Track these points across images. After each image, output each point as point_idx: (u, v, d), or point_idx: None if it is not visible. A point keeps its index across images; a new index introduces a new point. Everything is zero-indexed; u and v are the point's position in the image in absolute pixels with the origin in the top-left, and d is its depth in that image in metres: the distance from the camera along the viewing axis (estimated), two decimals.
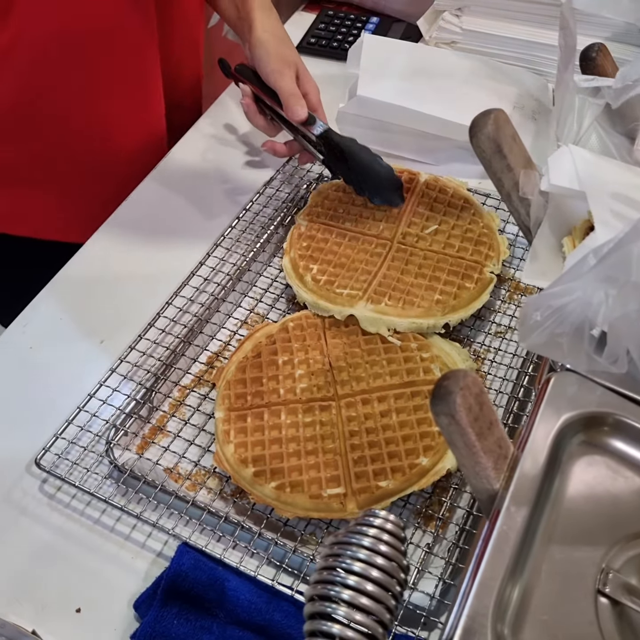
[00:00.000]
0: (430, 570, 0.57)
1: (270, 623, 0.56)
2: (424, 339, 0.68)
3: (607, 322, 0.41)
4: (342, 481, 0.60)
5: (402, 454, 0.60)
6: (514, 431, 0.63)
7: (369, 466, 0.60)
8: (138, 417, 0.67)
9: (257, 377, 0.66)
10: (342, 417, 0.63)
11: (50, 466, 0.63)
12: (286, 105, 0.81)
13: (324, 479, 0.60)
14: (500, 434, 0.44)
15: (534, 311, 0.43)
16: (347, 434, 0.62)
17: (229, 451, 0.62)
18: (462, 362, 0.67)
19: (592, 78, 0.56)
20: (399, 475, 0.59)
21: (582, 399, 0.47)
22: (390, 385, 0.65)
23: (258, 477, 0.60)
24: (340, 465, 0.60)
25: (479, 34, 1.05)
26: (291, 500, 0.59)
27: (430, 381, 0.65)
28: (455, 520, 0.60)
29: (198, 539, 0.59)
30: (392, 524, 0.40)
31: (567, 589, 0.42)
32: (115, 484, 0.63)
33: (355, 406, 0.64)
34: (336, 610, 0.37)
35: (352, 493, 0.59)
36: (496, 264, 0.74)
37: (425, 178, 0.82)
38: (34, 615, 0.57)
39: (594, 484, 0.45)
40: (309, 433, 0.62)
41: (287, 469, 0.60)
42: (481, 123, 0.53)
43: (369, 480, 0.59)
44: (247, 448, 0.62)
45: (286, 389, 0.65)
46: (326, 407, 0.64)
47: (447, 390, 0.41)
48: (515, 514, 0.42)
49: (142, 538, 0.61)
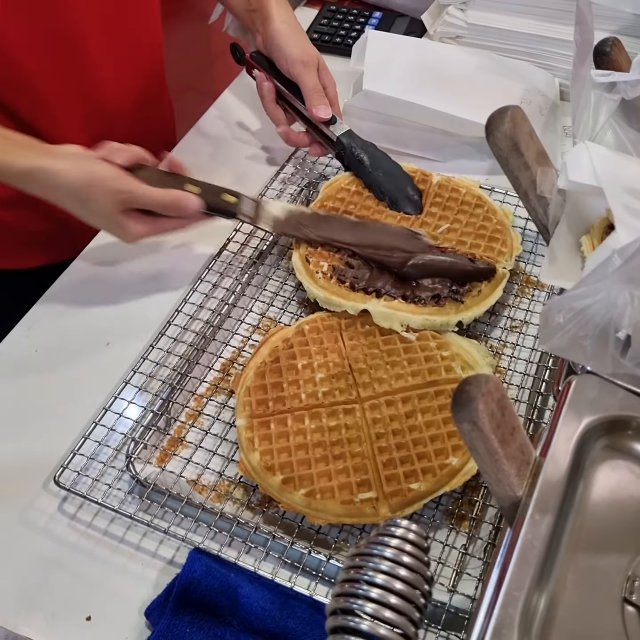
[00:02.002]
0: (469, 571, 0.56)
1: (284, 630, 0.55)
2: (442, 338, 0.68)
3: (632, 324, 0.40)
4: (372, 485, 0.59)
5: (431, 454, 0.59)
6: (539, 427, 0.62)
7: (398, 468, 0.59)
8: (156, 429, 0.65)
9: (278, 383, 0.65)
10: (367, 420, 0.62)
11: (70, 484, 0.61)
12: (310, 101, 0.82)
13: (354, 484, 0.58)
14: (523, 440, 0.43)
15: (556, 313, 0.42)
16: (374, 437, 0.61)
17: (254, 459, 0.60)
18: (482, 358, 0.66)
19: (608, 73, 0.55)
20: (430, 476, 0.58)
21: (604, 402, 0.46)
22: (413, 385, 0.64)
23: (287, 485, 0.59)
24: (370, 468, 0.59)
25: (484, 28, 1.04)
26: (322, 507, 0.58)
27: (452, 380, 0.64)
28: (488, 519, 0.59)
29: (227, 551, 0.58)
30: (414, 534, 0.39)
31: (593, 597, 0.41)
32: (138, 499, 0.61)
33: (380, 408, 0.63)
34: (359, 624, 0.36)
35: (384, 497, 0.58)
36: (509, 259, 0.73)
37: (437, 179, 0.81)
38: (44, 625, 0.56)
39: (617, 490, 0.44)
40: (334, 437, 0.61)
41: (315, 475, 0.59)
42: (498, 121, 0.51)
43: (400, 483, 0.58)
44: (272, 455, 0.60)
45: (308, 393, 0.64)
46: (350, 410, 0.63)
47: (469, 396, 0.40)
48: (539, 521, 0.41)
49: (170, 554, 0.60)
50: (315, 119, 0.82)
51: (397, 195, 0.79)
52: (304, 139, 0.86)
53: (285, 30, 0.84)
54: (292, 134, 0.86)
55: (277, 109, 0.87)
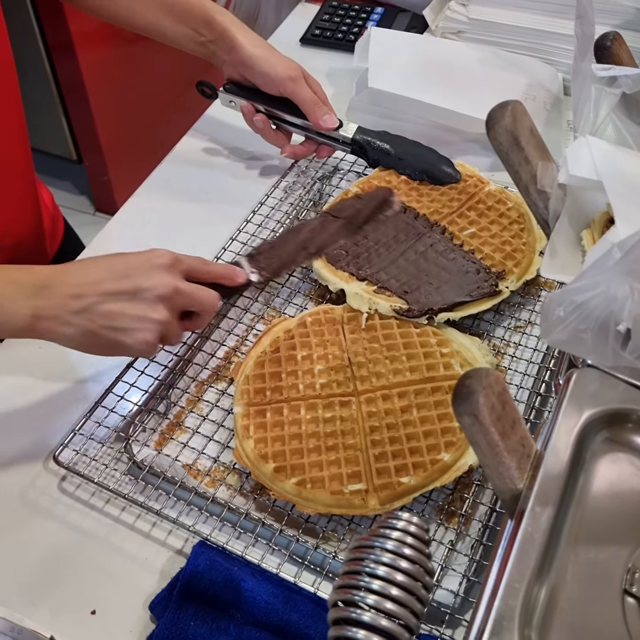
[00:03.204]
0: (454, 567, 0.56)
1: (287, 623, 0.55)
2: (443, 334, 0.68)
3: (632, 317, 0.40)
4: (363, 477, 0.59)
5: (424, 449, 0.60)
6: (536, 427, 0.63)
7: (390, 462, 0.59)
8: (156, 412, 0.67)
9: (276, 372, 0.66)
10: (362, 413, 0.63)
11: (69, 462, 0.63)
12: (313, 115, 0.82)
13: (345, 475, 0.59)
14: (524, 433, 0.43)
15: (556, 307, 0.42)
16: (368, 430, 0.61)
17: (248, 447, 0.61)
18: (482, 357, 0.66)
19: (609, 67, 0.55)
20: (421, 471, 0.58)
21: (604, 395, 0.46)
22: (411, 381, 0.64)
23: (278, 473, 0.59)
24: (362, 461, 0.60)
25: (486, 23, 1.04)
26: (312, 497, 0.58)
27: (450, 377, 0.64)
28: (478, 516, 0.59)
29: (218, 536, 0.59)
30: (415, 527, 0.40)
31: (593, 589, 0.41)
32: (134, 480, 0.62)
33: (376, 402, 0.63)
34: (361, 615, 0.37)
35: (374, 489, 0.58)
36: (515, 281, 0.72)
37: (490, 188, 0.80)
38: (49, 618, 0.56)
39: (618, 482, 0.45)
40: (329, 429, 0.62)
41: (307, 465, 0.60)
42: (498, 115, 0.52)
43: (390, 476, 0.58)
44: (267, 444, 0.61)
45: (305, 384, 0.65)
46: (346, 402, 0.63)
47: (470, 389, 0.40)
48: (539, 514, 0.41)
49: (162, 536, 0.61)
50: (325, 129, 0.82)
51: (433, 170, 0.81)
52: (310, 147, 0.87)
53: (262, 54, 0.82)
54: (297, 149, 0.86)
55: (277, 134, 0.86)
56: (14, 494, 0.63)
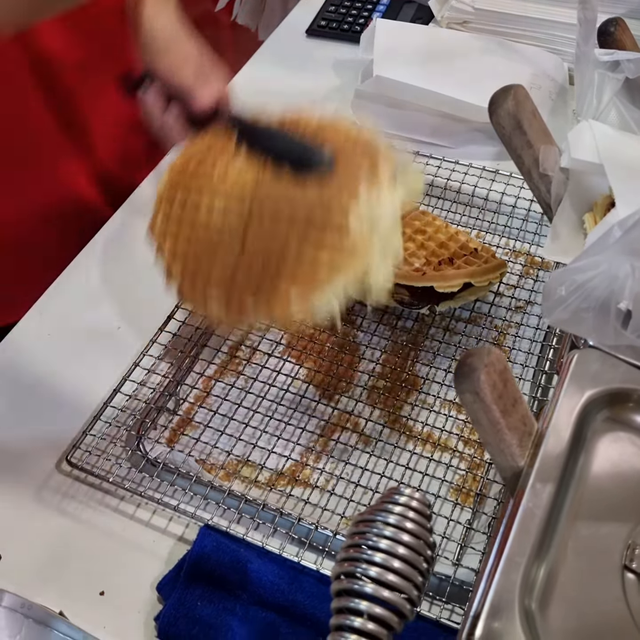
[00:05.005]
0: (473, 545, 0.57)
1: (293, 604, 0.56)
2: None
3: (633, 296, 0.41)
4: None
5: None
6: (543, 404, 0.63)
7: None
8: (166, 409, 0.67)
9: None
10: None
11: (82, 463, 0.63)
12: (189, 97, 0.67)
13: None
14: (525, 411, 0.44)
15: (558, 286, 0.43)
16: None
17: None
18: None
19: (612, 52, 0.56)
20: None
21: (605, 375, 0.47)
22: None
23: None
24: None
25: (491, 13, 1.04)
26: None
27: None
28: (492, 494, 0.60)
29: (236, 527, 0.59)
30: (417, 502, 0.40)
31: (593, 565, 0.41)
32: (149, 477, 0.62)
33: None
34: (363, 587, 0.37)
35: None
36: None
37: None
38: (58, 599, 0.57)
39: (618, 461, 0.45)
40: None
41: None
42: (501, 99, 0.52)
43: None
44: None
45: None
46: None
47: (471, 367, 0.41)
48: (540, 491, 0.42)
49: (179, 530, 0.61)
50: (198, 108, 0.67)
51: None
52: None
53: (154, 38, 0.72)
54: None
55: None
56: (28, 495, 0.63)
